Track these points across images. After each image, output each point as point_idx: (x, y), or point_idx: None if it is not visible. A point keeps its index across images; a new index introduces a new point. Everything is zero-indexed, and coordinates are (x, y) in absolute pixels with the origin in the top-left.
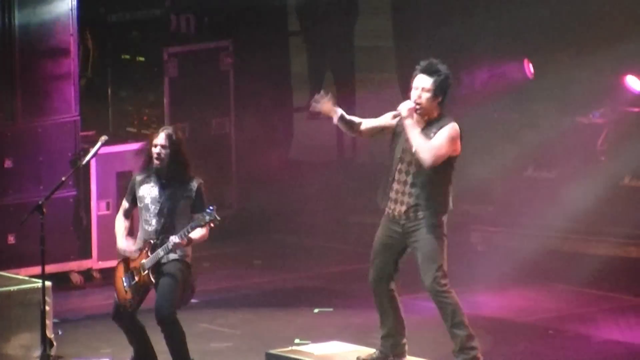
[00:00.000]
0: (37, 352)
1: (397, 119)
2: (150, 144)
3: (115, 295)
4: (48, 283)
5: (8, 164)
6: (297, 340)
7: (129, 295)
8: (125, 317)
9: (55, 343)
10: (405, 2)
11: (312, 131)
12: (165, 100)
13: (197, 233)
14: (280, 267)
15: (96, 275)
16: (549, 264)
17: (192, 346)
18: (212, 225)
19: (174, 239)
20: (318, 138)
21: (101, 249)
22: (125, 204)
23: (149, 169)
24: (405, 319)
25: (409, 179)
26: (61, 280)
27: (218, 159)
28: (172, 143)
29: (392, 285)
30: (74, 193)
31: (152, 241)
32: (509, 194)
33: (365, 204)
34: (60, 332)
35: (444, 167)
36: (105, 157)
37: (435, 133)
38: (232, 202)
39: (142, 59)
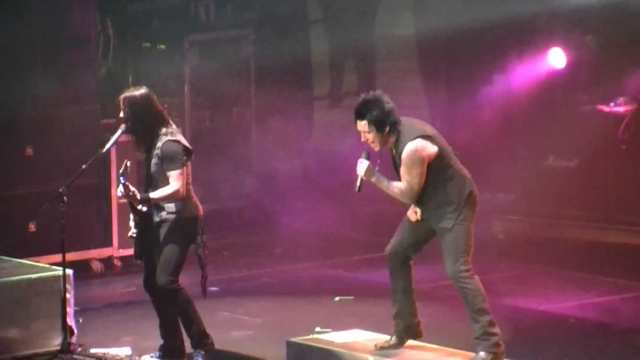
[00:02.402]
0: (58, 340)
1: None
2: None
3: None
4: (69, 271)
5: (29, 152)
6: (317, 329)
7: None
8: (150, 282)
9: (75, 331)
10: None
11: (332, 119)
12: (186, 89)
13: (158, 193)
14: (300, 256)
15: (117, 263)
16: (570, 252)
17: (213, 335)
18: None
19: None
20: (338, 126)
21: (122, 237)
22: None
23: None
24: (428, 306)
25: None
26: (82, 269)
27: (238, 147)
28: (124, 106)
29: (408, 263)
30: (95, 181)
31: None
32: (530, 183)
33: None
34: (80, 321)
35: (432, 173)
36: (125, 146)
37: (400, 157)
38: (253, 190)
39: (162, 47)
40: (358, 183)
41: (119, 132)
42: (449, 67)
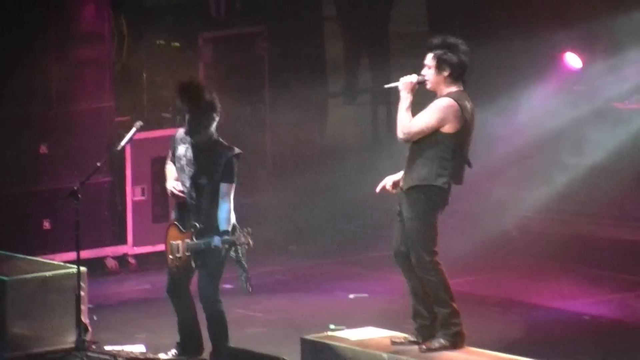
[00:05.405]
0: (72, 338)
1: None
2: None
3: (167, 256)
4: (83, 269)
5: (43, 149)
6: (332, 326)
7: (174, 264)
8: (175, 289)
9: (90, 328)
10: None
11: (347, 116)
12: None
13: (227, 221)
14: (315, 253)
15: (131, 261)
16: (584, 249)
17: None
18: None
19: (217, 242)
20: (353, 123)
21: (136, 235)
22: (169, 166)
23: None
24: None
25: (409, 151)
26: (96, 266)
27: (253, 144)
28: (187, 99)
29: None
30: (109, 179)
31: (197, 225)
32: (544, 180)
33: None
34: (95, 318)
35: (431, 142)
36: (140, 143)
37: None
38: (267, 186)
39: (177, 44)
40: (392, 84)
41: (133, 129)
42: None
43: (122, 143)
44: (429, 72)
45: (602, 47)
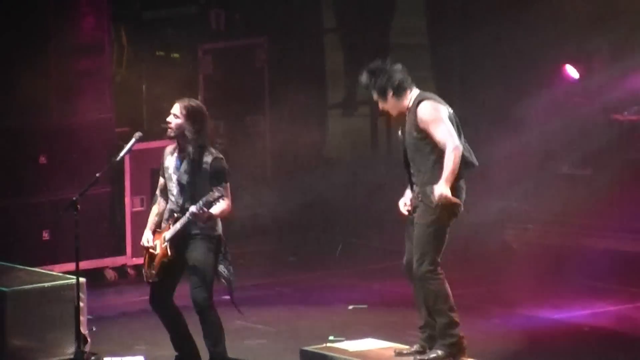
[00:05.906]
0: (71, 349)
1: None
2: None
3: (143, 269)
4: (82, 279)
5: (42, 160)
6: (331, 337)
7: (153, 269)
8: (159, 300)
9: (89, 340)
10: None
11: (346, 128)
12: (200, 97)
13: (217, 208)
14: (314, 264)
15: (130, 271)
16: (584, 260)
17: (227, 343)
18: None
19: (192, 208)
20: (353, 135)
21: (135, 246)
22: (160, 180)
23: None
24: None
25: (412, 168)
26: (95, 277)
27: (253, 156)
28: (183, 114)
29: None
30: (109, 189)
31: (175, 214)
32: (545, 191)
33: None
34: (94, 329)
35: (430, 146)
36: (139, 154)
37: (414, 121)
38: (267, 198)
39: (176, 55)
40: (455, 200)
41: (133, 140)
42: (463, 77)
43: (121, 154)
44: (382, 103)
45: (601, 59)
